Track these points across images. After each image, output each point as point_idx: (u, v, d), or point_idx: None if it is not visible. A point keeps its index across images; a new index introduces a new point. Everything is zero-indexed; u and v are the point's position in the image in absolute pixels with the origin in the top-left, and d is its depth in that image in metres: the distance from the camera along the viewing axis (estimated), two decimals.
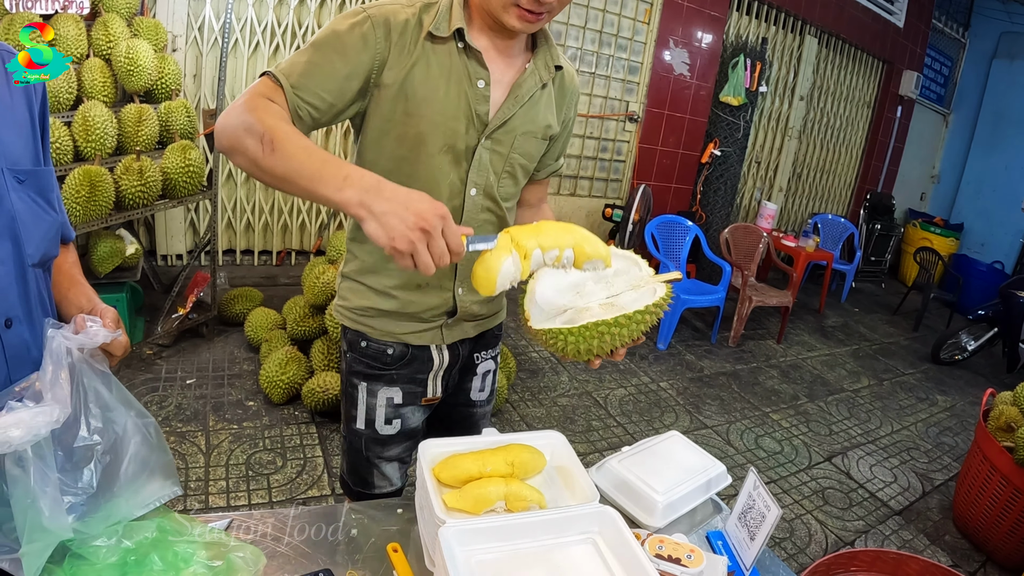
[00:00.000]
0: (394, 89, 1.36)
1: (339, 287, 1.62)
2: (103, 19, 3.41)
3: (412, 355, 1.59)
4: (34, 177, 1.12)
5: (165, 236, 4.94)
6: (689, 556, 1.23)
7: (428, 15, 1.36)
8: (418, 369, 1.61)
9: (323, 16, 5.02)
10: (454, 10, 1.36)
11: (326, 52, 1.30)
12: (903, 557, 2.10)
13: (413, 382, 1.62)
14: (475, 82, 1.39)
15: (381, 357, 1.57)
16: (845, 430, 4.62)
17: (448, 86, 1.38)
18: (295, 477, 3.04)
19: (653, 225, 5.78)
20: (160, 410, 3.32)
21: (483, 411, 1.83)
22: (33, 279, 1.13)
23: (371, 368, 1.59)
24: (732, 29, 7.13)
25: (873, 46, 8.66)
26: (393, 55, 1.34)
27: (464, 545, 1.05)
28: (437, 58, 1.37)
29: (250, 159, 1.18)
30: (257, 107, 1.21)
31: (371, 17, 1.32)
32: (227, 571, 1.04)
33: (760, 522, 1.35)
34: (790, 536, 3.30)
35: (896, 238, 9.31)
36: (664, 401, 4.52)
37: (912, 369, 6.24)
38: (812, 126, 8.69)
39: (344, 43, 1.31)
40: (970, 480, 3.50)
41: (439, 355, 1.62)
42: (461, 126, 1.41)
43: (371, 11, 1.33)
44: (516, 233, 1.16)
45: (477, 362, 1.75)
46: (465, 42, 1.37)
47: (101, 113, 3.20)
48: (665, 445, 1.63)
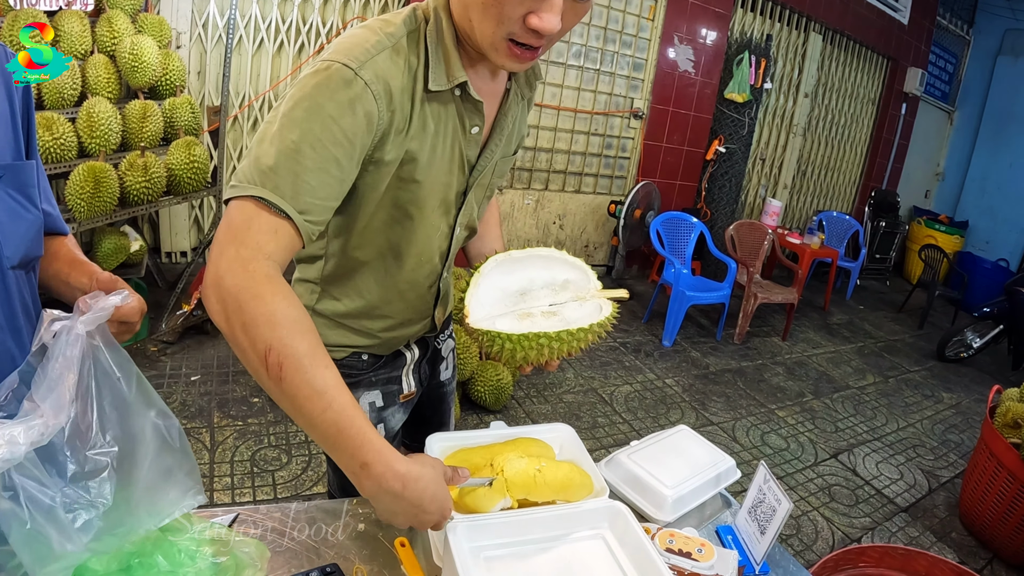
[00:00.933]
0: (392, 163, 1.16)
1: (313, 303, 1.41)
2: (107, 15, 3.41)
3: (385, 359, 1.51)
4: (12, 172, 1.05)
5: (169, 233, 4.94)
6: (700, 550, 1.23)
7: (413, 54, 1.14)
8: (392, 368, 1.53)
9: (327, 12, 5.01)
10: (451, 56, 1.15)
11: (324, 150, 1.03)
12: (911, 553, 2.10)
13: (390, 381, 1.54)
14: (469, 130, 1.24)
15: (356, 364, 1.46)
16: (851, 427, 4.61)
17: (445, 142, 1.22)
18: (300, 473, 3.03)
19: (658, 222, 5.77)
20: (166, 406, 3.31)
21: (451, 388, 1.80)
22: (14, 282, 1.07)
23: (349, 376, 1.44)
24: (737, 26, 7.12)
25: (878, 43, 8.64)
26: (393, 126, 1.12)
27: (472, 541, 1.04)
28: (433, 113, 1.18)
29: (246, 363, 0.99)
30: (262, 294, 0.95)
31: (368, 86, 1.05)
32: (233, 567, 1.02)
33: (771, 516, 1.34)
34: (796, 533, 3.29)
35: (901, 236, 9.30)
36: (670, 398, 4.51)
37: (917, 366, 6.22)
38: (817, 123, 8.67)
39: (345, 132, 1.04)
40: (976, 477, 3.49)
41: (409, 352, 1.55)
42: (453, 178, 1.28)
43: (364, 75, 1.05)
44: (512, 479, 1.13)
45: (440, 345, 1.69)
46: (466, 93, 1.19)
47: (105, 109, 3.19)
48: (674, 439, 1.62)
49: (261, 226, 0.99)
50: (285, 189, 1.00)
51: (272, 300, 0.95)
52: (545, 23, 1.01)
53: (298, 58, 5.01)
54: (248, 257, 0.97)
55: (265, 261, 0.98)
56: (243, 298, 0.94)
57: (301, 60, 5.01)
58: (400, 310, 1.41)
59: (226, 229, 1.00)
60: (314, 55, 5.00)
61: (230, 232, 0.99)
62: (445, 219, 1.32)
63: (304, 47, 5.01)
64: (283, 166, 1.00)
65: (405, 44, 1.12)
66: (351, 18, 5.07)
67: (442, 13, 1.15)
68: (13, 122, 1.07)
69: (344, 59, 1.04)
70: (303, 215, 1.02)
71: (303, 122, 1.02)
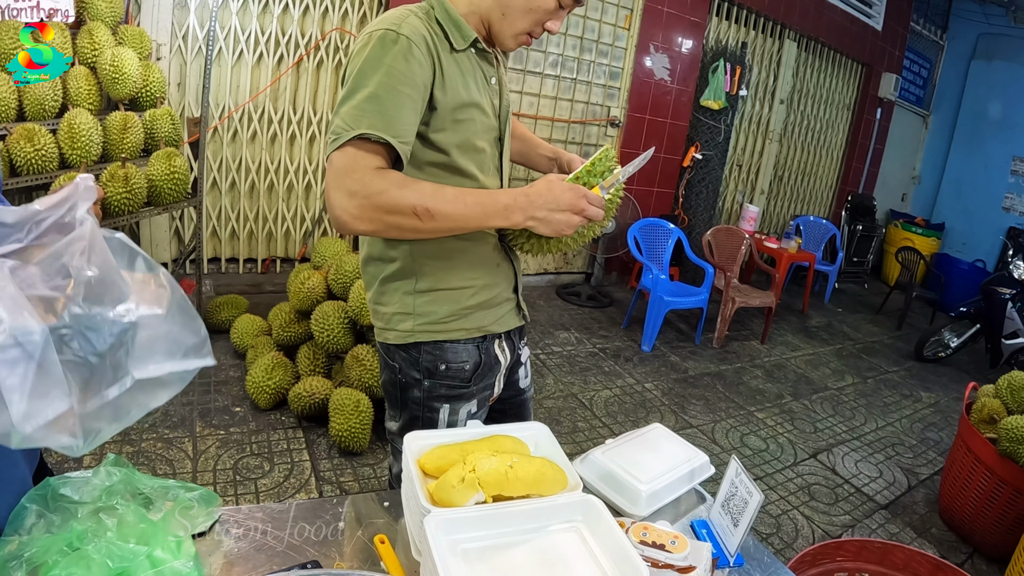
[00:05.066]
0: (445, 105, 1.43)
1: (414, 306, 1.57)
2: (88, 27, 3.42)
3: (485, 363, 1.65)
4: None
5: (150, 245, 4.93)
6: (673, 542, 1.25)
7: (433, 24, 1.43)
8: (490, 375, 1.68)
9: (306, 24, 5.03)
10: (461, 24, 1.46)
11: (395, 90, 1.32)
12: (888, 546, 2.13)
13: (487, 389, 1.69)
14: (489, 80, 1.55)
15: (460, 375, 1.61)
16: (830, 427, 4.66)
17: (477, 88, 1.50)
18: (282, 481, 3.04)
19: (636, 228, 5.81)
20: (147, 416, 3.32)
21: (530, 395, 1.96)
22: None
23: (452, 390, 1.62)
24: (712, 34, 7.20)
25: (852, 49, 8.75)
26: (437, 70, 1.40)
27: (449, 534, 1.06)
28: (459, 66, 1.45)
29: (408, 231, 1.34)
30: (383, 187, 1.29)
31: (408, 38, 1.34)
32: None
33: (743, 508, 1.37)
34: (777, 532, 3.33)
35: (878, 239, 9.40)
36: (649, 402, 4.54)
37: (896, 367, 6.30)
38: (793, 129, 8.76)
39: (404, 74, 1.33)
40: (955, 473, 3.54)
41: (503, 355, 1.71)
42: (491, 122, 1.56)
43: (404, 31, 1.34)
44: (485, 477, 1.15)
45: (519, 351, 1.85)
46: (479, 48, 1.50)
47: (86, 121, 3.20)
48: (648, 437, 1.65)
49: (364, 158, 1.30)
50: (378, 123, 1.30)
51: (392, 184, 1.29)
52: (556, 27, 1.51)
53: (277, 69, 5.02)
54: (361, 175, 1.29)
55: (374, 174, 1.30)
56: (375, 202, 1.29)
57: (280, 71, 5.02)
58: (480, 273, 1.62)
59: (338, 174, 1.30)
60: (293, 66, 5.02)
61: (340, 175, 1.29)
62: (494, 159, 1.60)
63: (284, 58, 5.02)
64: (369, 109, 1.30)
65: (424, 17, 1.42)
66: (330, 29, 5.09)
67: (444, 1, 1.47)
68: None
69: (385, 26, 1.35)
70: (397, 138, 1.32)
71: (370, 76, 1.32)
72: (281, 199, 5.34)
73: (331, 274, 3.71)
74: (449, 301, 1.57)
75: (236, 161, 5.08)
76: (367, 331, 3.57)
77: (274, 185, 5.29)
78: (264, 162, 5.17)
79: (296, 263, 5.46)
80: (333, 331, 3.50)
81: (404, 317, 1.57)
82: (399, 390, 1.64)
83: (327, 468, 3.19)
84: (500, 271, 1.66)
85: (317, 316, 3.55)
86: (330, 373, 3.67)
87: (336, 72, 5.27)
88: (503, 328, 1.69)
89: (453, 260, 1.56)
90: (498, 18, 1.47)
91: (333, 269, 3.71)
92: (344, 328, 3.52)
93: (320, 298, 3.68)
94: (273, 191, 5.31)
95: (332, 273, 3.70)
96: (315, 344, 3.65)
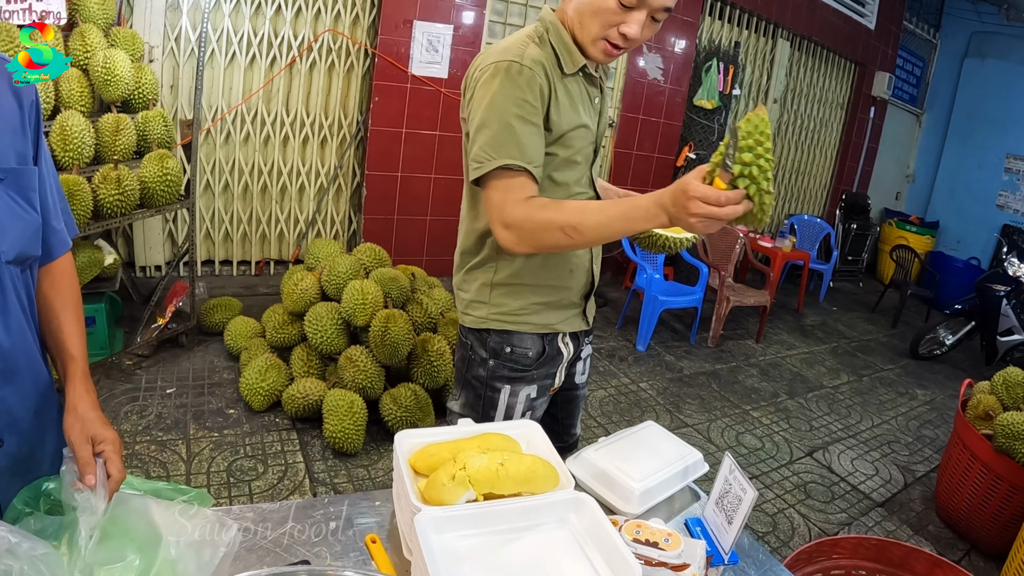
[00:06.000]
0: (559, 127, 1.55)
1: (489, 297, 1.72)
2: (80, 29, 3.40)
3: (547, 354, 1.75)
4: (14, 175, 1.12)
5: (143, 247, 4.92)
6: (667, 540, 1.25)
7: (547, 50, 1.55)
8: (551, 364, 1.78)
9: (298, 26, 5.02)
10: (572, 50, 1.57)
11: (527, 121, 1.47)
12: (885, 543, 2.13)
13: (547, 377, 1.79)
14: (593, 100, 1.67)
15: (523, 360, 1.73)
16: (825, 425, 4.66)
17: (584, 110, 1.62)
18: (276, 483, 3.03)
19: None
20: (140, 419, 3.31)
21: (584, 391, 2.07)
22: (9, 277, 1.12)
23: (514, 371, 1.73)
24: (705, 34, 7.19)
25: (845, 48, 8.76)
26: (552, 94, 1.52)
27: (440, 533, 1.06)
28: (568, 90, 1.57)
29: (563, 247, 1.49)
30: (530, 215, 1.43)
31: (531, 69, 1.47)
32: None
33: (737, 505, 1.36)
34: (773, 530, 3.33)
35: (872, 237, 9.41)
36: (644, 401, 4.54)
37: (891, 365, 6.30)
38: (786, 128, 8.76)
39: (531, 103, 1.47)
40: (951, 470, 3.54)
41: (566, 348, 1.80)
42: (592, 138, 1.68)
43: (526, 62, 1.47)
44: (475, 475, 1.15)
45: (582, 347, 1.93)
46: (586, 72, 1.61)
47: (79, 123, 3.18)
48: (641, 435, 1.65)
49: (516, 189, 1.45)
50: (515, 153, 1.45)
51: (542, 209, 1.43)
52: (630, 30, 1.46)
53: (270, 71, 5.01)
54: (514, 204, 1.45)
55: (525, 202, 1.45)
56: (527, 229, 1.44)
57: (273, 73, 5.02)
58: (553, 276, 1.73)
59: (493, 209, 1.48)
60: (286, 68, 5.01)
61: (495, 210, 1.48)
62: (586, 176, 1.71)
63: (276, 60, 5.01)
64: (506, 140, 1.45)
65: (539, 42, 1.54)
66: (322, 31, 5.08)
67: (558, 23, 1.58)
68: (23, 131, 1.16)
69: (509, 57, 1.47)
70: (531, 164, 1.46)
71: (502, 107, 1.46)
72: (274, 201, 5.34)
73: (324, 276, 3.70)
74: (520, 296, 1.70)
75: (229, 163, 5.08)
76: (360, 332, 3.56)
77: (267, 187, 5.28)
78: (257, 164, 5.16)
79: (290, 265, 5.45)
80: (327, 332, 3.49)
81: (480, 305, 1.73)
82: (467, 366, 1.79)
83: (321, 469, 3.18)
84: (573, 277, 1.75)
85: (311, 318, 3.54)
86: (324, 374, 3.66)
87: (329, 73, 5.26)
88: (568, 328, 1.79)
89: (531, 259, 1.68)
90: (578, 27, 1.54)
91: (326, 271, 3.70)
92: (337, 329, 3.51)
93: (313, 300, 3.67)
94: (266, 193, 5.30)
95: (325, 275, 3.69)
96: (309, 346, 3.64)
